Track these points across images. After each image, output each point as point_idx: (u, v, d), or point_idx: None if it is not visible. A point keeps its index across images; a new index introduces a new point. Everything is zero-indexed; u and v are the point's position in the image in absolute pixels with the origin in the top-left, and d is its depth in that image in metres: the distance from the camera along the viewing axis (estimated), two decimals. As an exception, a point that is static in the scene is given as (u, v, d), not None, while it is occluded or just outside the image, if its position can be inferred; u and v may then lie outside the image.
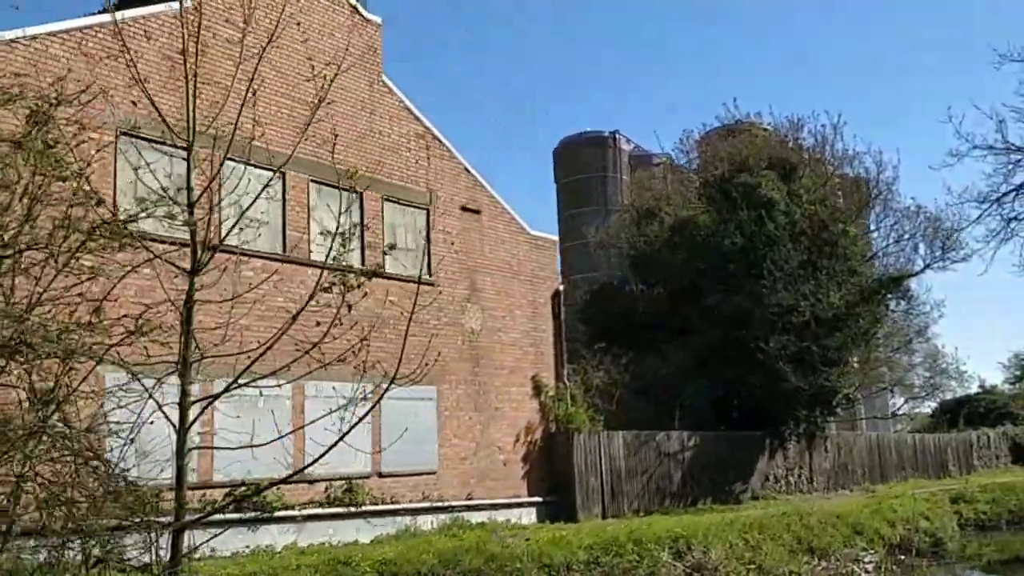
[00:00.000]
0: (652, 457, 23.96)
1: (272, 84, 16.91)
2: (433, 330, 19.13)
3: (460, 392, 19.77)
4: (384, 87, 19.13)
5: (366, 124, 18.59)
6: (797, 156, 29.50)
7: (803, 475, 29.75)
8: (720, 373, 28.20)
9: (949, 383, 62.67)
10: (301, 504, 16.12)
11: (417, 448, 18.48)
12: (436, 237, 19.78)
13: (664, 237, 30.60)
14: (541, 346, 22.14)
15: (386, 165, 18.85)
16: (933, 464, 39.49)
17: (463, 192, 20.63)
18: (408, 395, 18.10)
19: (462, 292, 20.21)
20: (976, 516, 26.69)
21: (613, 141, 43.60)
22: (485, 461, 20.06)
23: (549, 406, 21.90)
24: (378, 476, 17.62)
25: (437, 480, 18.83)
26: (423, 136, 19.80)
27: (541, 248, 22.67)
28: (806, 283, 25.66)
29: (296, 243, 16.77)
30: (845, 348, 27.02)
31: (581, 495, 21.42)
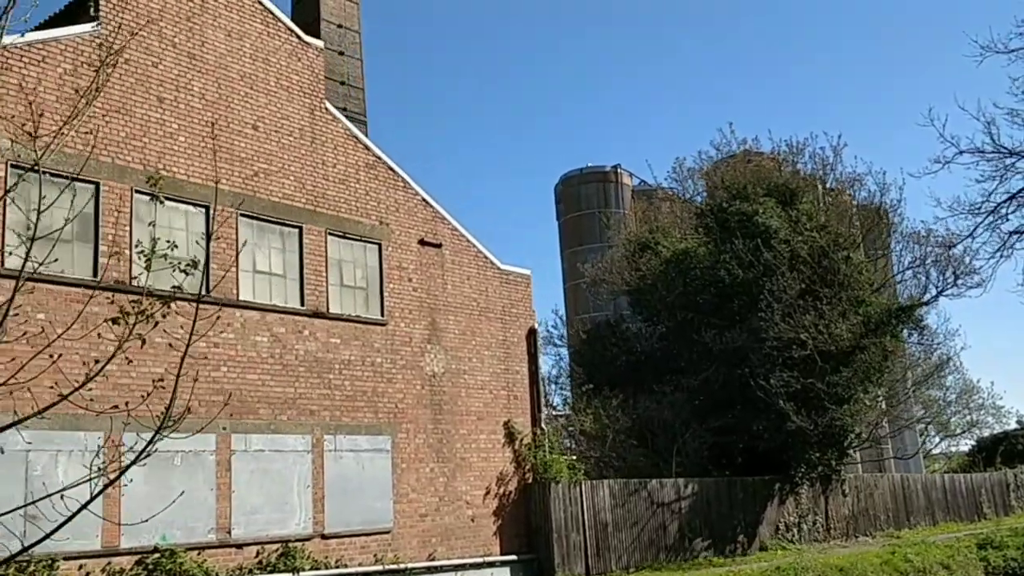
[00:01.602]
0: (643, 507, 22.05)
1: (197, 112, 15.65)
2: (387, 374, 17.64)
3: (420, 441, 18.13)
4: (328, 114, 17.85)
5: (307, 153, 17.26)
6: (797, 181, 27.85)
7: (818, 522, 27.58)
8: (721, 415, 26.31)
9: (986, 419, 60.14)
10: (228, 572, 14.51)
11: (368, 505, 16.86)
12: (390, 273, 18.31)
13: (660, 271, 28.96)
14: (515, 389, 20.48)
15: (330, 197, 17.47)
16: (966, 506, 36.97)
17: (421, 225, 19.18)
18: (357, 446, 16.60)
19: (421, 332, 18.66)
20: (1006, 564, 24.39)
21: (615, 176, 42.18)
22: (450, 517, 18.34)
23: (524, 454, 20.18)
24: (321, 538, 15.96)
25: (392, 540, 17.13)
26: (373, 166, 18.43)
27: (513, 283, 21.11)
28: (806, 314, 23.81)
29: (222, 282, 15.35)
30: (854, 384, 25.01)
31: (560, 552, 19.57)
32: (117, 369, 15.48)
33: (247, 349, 15.52)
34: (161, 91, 15.24)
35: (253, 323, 15.69)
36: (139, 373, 13.13)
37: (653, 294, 29.06)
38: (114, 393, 15.33)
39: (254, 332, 15.68)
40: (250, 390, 15.43)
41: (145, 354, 11.61)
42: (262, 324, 15.83)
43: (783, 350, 24.05)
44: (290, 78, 17.28)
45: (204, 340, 14.72)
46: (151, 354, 12.63)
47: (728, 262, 26.18)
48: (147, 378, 13.95)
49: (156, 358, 13.28)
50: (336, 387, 16.79)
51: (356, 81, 53.28)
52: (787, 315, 24.05)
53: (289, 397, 15.98)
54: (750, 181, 28.02)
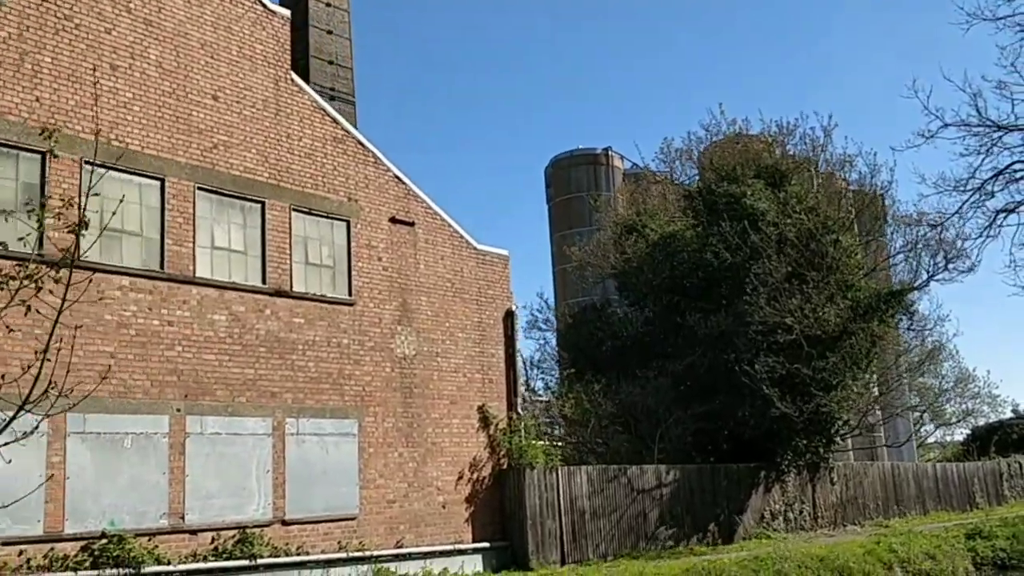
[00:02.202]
0: (623, 494, 21.51)
1: (154, 81, 15.02)
2: (354, 356, 17.07)
3: (388, 425, 17.57)
4: (293, 86, 17.19)
5: (271, 126, 16.63)
6: (787, 163, 27.21)
7: (805, 511, 27.06)
8: (706, 400, 25.75)
9: (982, 408, 59.68)
10: (181, 558, 13.97)
11: (333, 490, 16.31)
12: (359, 252, 17.71)
13: (646, 254, 28.36)
14: (490, 372, 19.91)
15: (296, 172, 16.85)
16: (958, 496, 36.46)
17: (392, 202, 18.57)
18: (321, 430, 16.05)
19: (392, 313, 18.08)
20: (994, 554, 23.84)
21: (606, 158, 41.46)
22: (420, 503, 17.79)
23: (499, 439, 19.62)
24: (281, 524, 15.41)
25: (358, 527, 16.58)
26: (342, 140, 17.79)
27: (490, 264, 20.51)
28: (792, 298, 23.20)
29: (177, 258, 14.76)
30: (841, 370, 24.42)
31: (534, 540, 19.04)
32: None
33: (204, 328, 14.93)
34: (115, 58, 14.60)
35: (211, 301, 15.10)
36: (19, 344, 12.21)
37: (639, 277, 28.47)
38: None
39: (212, 310, 15.09)
40: (207, 371, 14.85)
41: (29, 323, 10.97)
42: (220, 302, 15.24)
43: (768, 335, 23.47)
44: (254, 47, 16.63)
45: (157, 318, 14.23)
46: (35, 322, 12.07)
47: (715, 245, 25.59)
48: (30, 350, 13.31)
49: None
50: (299, 369, 16.21)
51: (344, 61, 52.36)
52: (773, 299, 23.47)
53: (249, 378, 15.40)
54: (739, 162, 27.39)
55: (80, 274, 6.21)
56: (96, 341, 13.59)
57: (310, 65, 50.62)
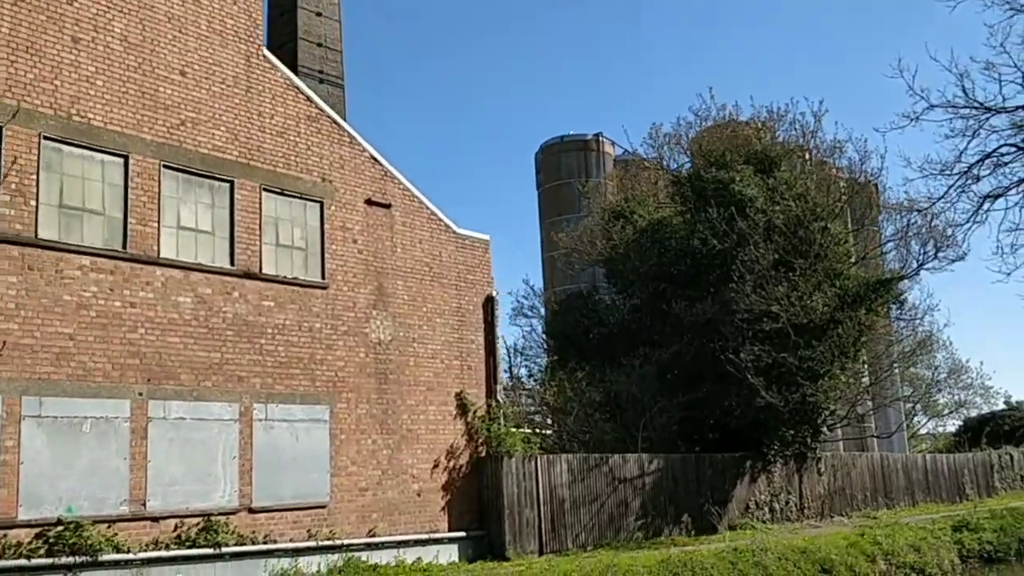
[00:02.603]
0: (604, 483, 21.16)
1: (118, 56, 14.55)
2: (327, 340, 16.66)
3: (362, 412, 17.17)
4: (266, 62, 16.71)
5: (242, 103, 16.16)
6: (776, 149, 26.77)
7: (791, 501, 26.75)
8: (692, 389, 25.41)
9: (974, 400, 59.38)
10: (142, 546, 13.58)
11: (302, 477, 15.93)
12: (333, 234, 17.27)
13: (634, 241, 27.96)
14: (469, 359, 19.51)
15: (267, 150, 16.39)
16: (947, 487, 36.22)
17: (369, 183, 18.12)
18: (291, 416, 15.66)
19: (366, 297, 17.65)
20: (981, 547, 23.52)
21: (596, 144, 40.96)
22: (393, 491, 17.41)
23: (478, 427, 19.24)
24: (248, 512, 15.02)
25: (328, 515, 16.20)
26: (316, 119, 17.33)
27: (470, 249, 20.08)
28: (779, 285, 22.80)
29: (141, 238, 14.32)
30: (828, 360, 24.04)
31: (512, 529, 18.68)
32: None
33: (168, 310, 14.50)
34: (77, 31, 14.12)
35: (175, 282, 14.67)
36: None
37: (626, 264, 28.09)
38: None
39: (177, 292, 14.65)
40: (171, 354, 14.43)
41: None
42: (186, 284, 14.80)
43: (754, 323, 23.09)
44: (224, 22, 16.14)
45: (119, 299, 13.81)
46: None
47: (702, 232, 25.19)
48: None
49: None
50: (268, 353, 15.79)
51: (334, 44, 51.63)
52: (759, 286, 23.07)
53: (215, 362, 14.98)
54: (728, 148, 26.96)
55: None
56: (54, 322, 13.17)
57: (298, 47, 49.86)
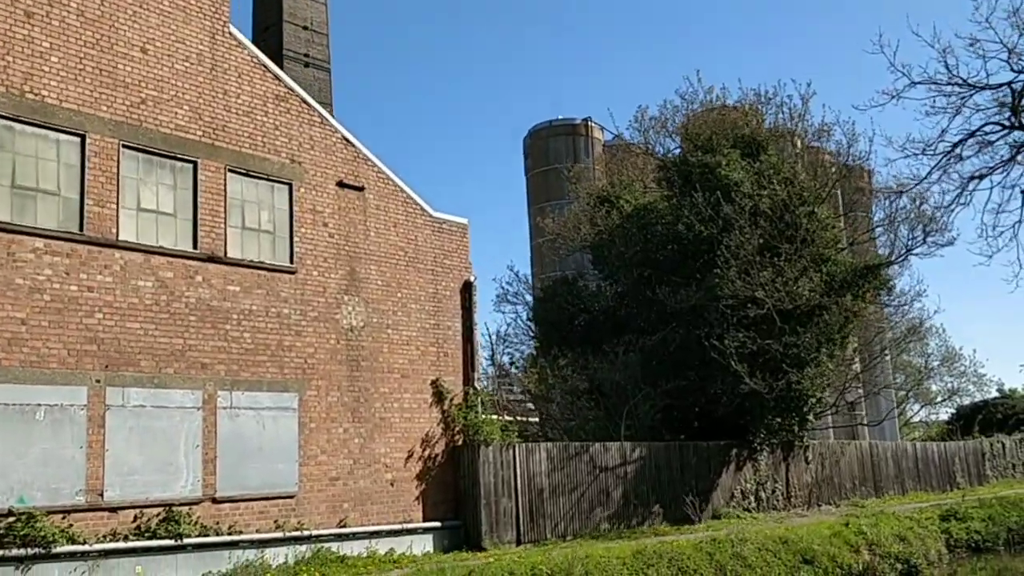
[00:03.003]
0: (584, 472, 20.78)
1: (74, 31, 14.04)
2: (296, 326, 16.22)
3: (333, 399, 16.74)
4: (231, 40, 16.20)
5: (206, 82, 15.66)
6: (764, 132, 26.30)
7: (778, 490, 26.38)
8: (677, 377, 25.00)
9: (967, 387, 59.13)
10: (99, 538, 13.17)
11: (270, 467, 15.51)
12: (303, 217, 16.80)
13: (619, 227, 27.50)
14: (445, 345, 19.08)
15: (232, 130, 15.90)
16: (938, 475, 35.87)
17: (340, 165, 17.65)
18: (257, 403, 15.22)
19: (338, 282, 17.20)
20: (969, 536, 23.18)
21: (585, 129, 40.40)
22: (366, 481, 17.00)
23: (454, 415, 18.82)
24: (212, 502, 14.61)
25: (297, 505, 15.79)
26: (284, 98, 16.85)
27: (447, 233, 19.63)
28: (763, 271, 22.35)
29: (98, 220, 13.85)
30: (815, 347, 23.61)
31: (488, 519, 18.29)
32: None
33: (127, 294, 14.05)
34: (30, 4, 13.62)
35: (135, 266, 14.21)
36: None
37: (611, 250, 27.65)
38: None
39: (136, 276, 14.19)
40: (130, 340, 13.98)
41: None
42: (146, 267, 14.34)
43: (738, 309, 22.65)
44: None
45: (75, 283, 13.36)
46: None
47: (688, 217, 24.72)
48: None
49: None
50: (234, 339, 15.34)
51: (320, 26, 50.96)
52: (744, 272, 22.62)
53: (177, 349, 14.53)
54: (715, 132, 26.49)
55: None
56: (6, 306, 12.73)
57: (284, 31, 49.17)
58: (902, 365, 53.78)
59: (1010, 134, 14.62)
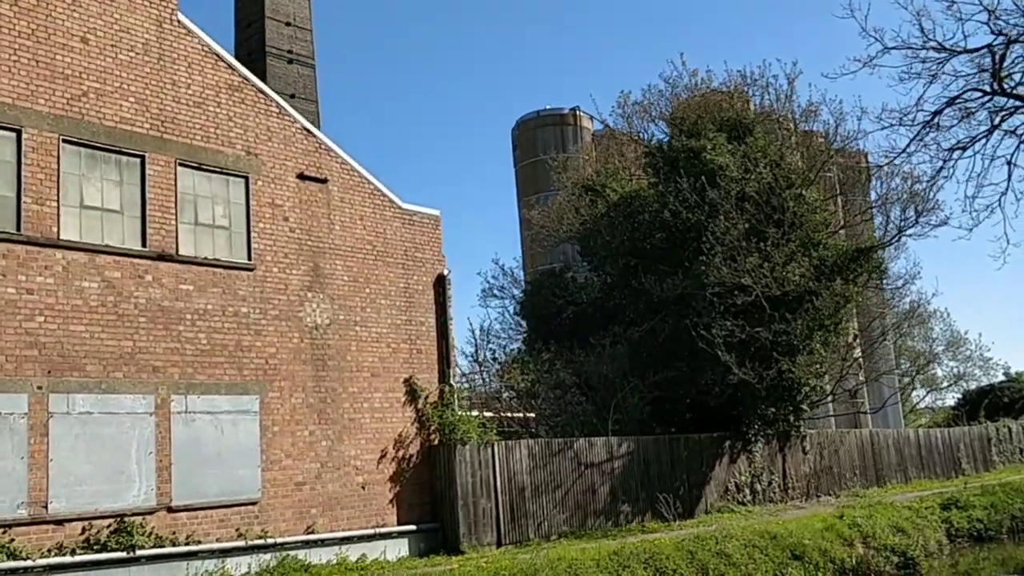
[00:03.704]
0: (569, 469, 20.08)
1: (7, 21, 13.37)
2: (255, 325, 15.54)
3: (297, 401, 16.05)
4: (180, 28, 15.50)
5: (153, 72, 14.98)
6: (750, 114, 25.54)
7: (774, 482, 25.65)
8: (667, 368, 24.30)
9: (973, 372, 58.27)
10: (43, 552, 12.51)
11: (230, 473, 14.83)
12: (261, 211, 16.11)
13: (605, 216, 26.79)
14: (418, 342, 18.39)
15: (182, 122, 15.21)
16: (942, 462, 35.11)
17: (301, 156, 16.95)
18: (215, 407, 14.54)
19: (300, 278, 16.51)
20: (971, 525, 22.40)
21: (574, 118, 39.66)
22: (335, 485, 16.32)
23: (429, 414, 18.14)
24: (167, 511, 13.94)
25: (260, 512, 15.11)
26: (239, 88, 16.15)
27: (418, 225, 18.94)
28: (750, 256, 21.60)
29: (37, 219, 13.18)
30: (807, 334, 22.85)
31: (466, 521, 17.60)
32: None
33: (71, 296, 13.38)
34: (-41, -5, 12.96)
35: (79, 266, 13.53)
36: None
37: (597, 240, 26.94)
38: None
39: (80, 277, 13.52)
40: (75, 344, 13.31)
41: None
42: (91, 267, 13.67)
43: (725, 296, 21.91)
44: (131, -16, 14.93)
45: (13, 285, 12.70)
46: None
47: (673, 204, 23.99)
48: None
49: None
50: (188, 340, 14.66)
51: (303, 22, 50.16)
52: (731, 258, 21.87)
53: (126, 352, 13.86)
54: (700, 116, 25.74)
55: None
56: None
57: (266, 27, 48.41)
58: (906, 351, 52.97)
59: (991, 100, 13.84)
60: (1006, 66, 13.40)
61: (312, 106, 47.51)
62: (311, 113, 46.46)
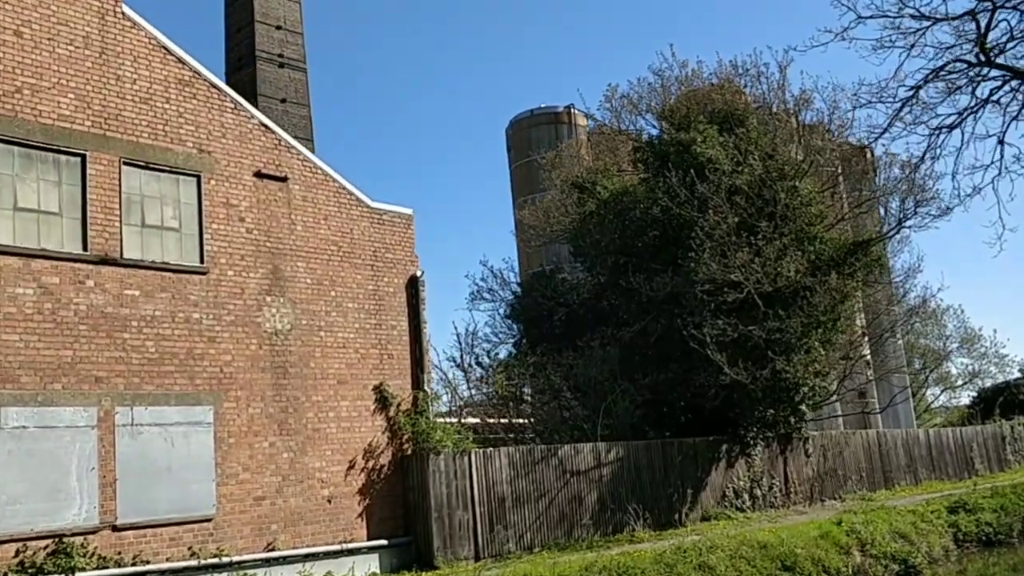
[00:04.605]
0: (553, 477, 19.17)
1: (-66, 14, 12.65)
2: (208, 332, 14.72)
3: (255, 411, 15.23)
4: (125, 21, 14.74)
5: (95, 67, 14.21)
6: (741, 105, 24.60)
7: (775, 486, 24.65)
8: (660, 370, 23.36)
9: (988, 369, 56.91)
10: (-28, 577, 11.73)
11: (180, 488, 14.02)
12: (214, 212, 15.31)
13: (595, 214, 25.90)
14: (389, 347, 17.56)
15: (127, 119, 14.43)
16: (954, 463, 33.99)
17: (259, 154, 16.15)
18: (164, 419, 13.73)
19: (258, 282, 15.70)
20: (979, 529, 21.33)
21: (568, 116, 38.80)
22: (298, 499, 15.49)
23: (401, 422, 17.28)
24: (112, 530, 13.13)
25: (215, 529, 14.29)
26: (190, 83, 15.37)
27: (388, 224, 18.12)
28: (739, 251, 20.64)
29: (-37, 222, 12.43)
30: (803, 331, 21.85)
31: (440, 534, 16.72)
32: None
33: (3, 303, 12.61)
34: None
35: (13, 272, 12.77)
36: None
37: (588, 239, 26.04)
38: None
39: (14, 283, 12.75)
40: (8, 354, 12.54)
41: None
42: (26, 273, 12.90)
43: (716, 294, 20.96)
44: (69, -26, 14.18)
45: (-63, 293, 11.92)
46: None
47: (662, 199, 23.07)
48: None
49: None
50: (134, 349, 13.86)
51: (294, 25, 49.31)
52: (720, 253, 20.93)
53: (65, 362, 13.07)
54: (691, 108, 24.83)
55: None
56: None
57: (255, 31, 47.56)
58: (919, 349, 51.74)
59: (979, 73, 12.83)
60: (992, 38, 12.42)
61: (304, 110, 47.02)
62: (303, 117, 46.02)
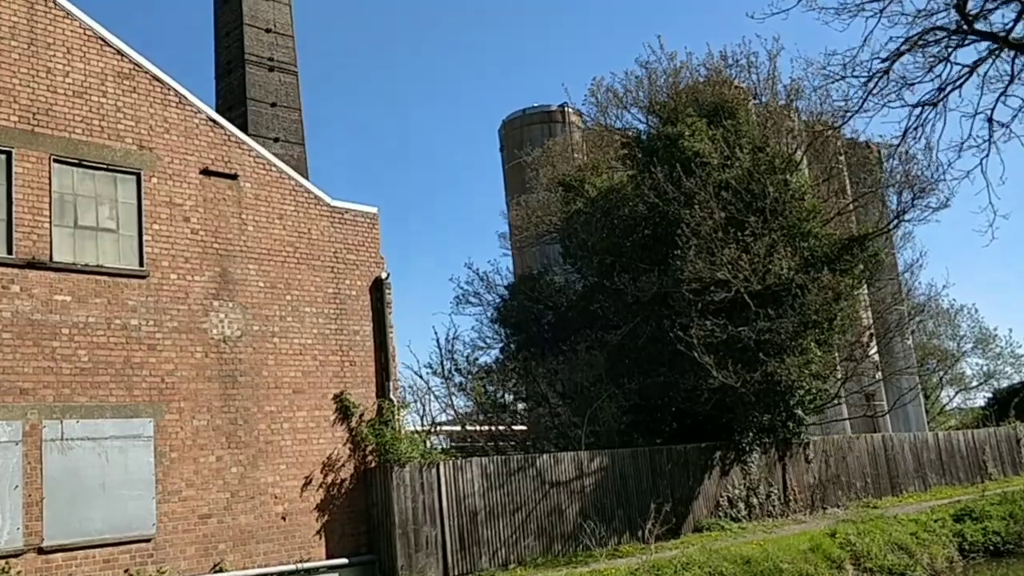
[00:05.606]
0: (531, 489, 18.17)
1: None
2: (148, 339, 13.81)
3: (201, 423, 14.30)
4: (58, 10, 13.89)
5: (22, 59, 13.36)
6: (731, 96, 23.56)
7: (773, 494, 23.52)
8: (649, 374, 22.33)
9: (1004, 369, 55.47)
10: None
11: (116, 507, 13.10)
12: (156, 212, 14.42)
13: (582, 213, 24.92)
14: (351, 353, 16.61)
15: (59, 114, 13.58)
16: (966, 467, 32.72)
17: (206, 150, 15.26)
18: (98, 432, 12.81)
19: (204, 285, 14.79)
20: (986, 538, 20.15)
21: (562, 115, 37.83)
22: (248, 516, 14.54)
23: (364, 433, 16.32)
24: (38, 552, 12.24)
25: (155, 549, 13.37)
26: (129, 76, 14.49)
27: (350, 224, 17.19)
28: (726, 247, 19.60)
29: None
30: (796, 331, 20.76)
31: (405, 551, 15.73)
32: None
33: (-86, 312, 11.76)
34: None
35: (-74, 277, 11.92)
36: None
37: (575, 239, 25.07)
38: None
39: (-73, 289, 11.90)
40: (-80, 365, 11.68)
41: None
42: (-59, 278, 12.05)
43: (703, 293, 19.91)
44: (-8, -39, 13.36)
45: None
46: None
47: (649, 196, 22.07)
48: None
49: None
50: (64, 358, 12.98)
51: (284, 28, 48.36)
52: (708, 251, 19.88)
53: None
54: (680, 100, 23.82)
55: None
56: None
57: (245, 34, 46.66)
58: (931, 349, 50.38)
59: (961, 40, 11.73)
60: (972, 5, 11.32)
61: (295, 114, 46.20)
62: (294, 121, 45.19)
